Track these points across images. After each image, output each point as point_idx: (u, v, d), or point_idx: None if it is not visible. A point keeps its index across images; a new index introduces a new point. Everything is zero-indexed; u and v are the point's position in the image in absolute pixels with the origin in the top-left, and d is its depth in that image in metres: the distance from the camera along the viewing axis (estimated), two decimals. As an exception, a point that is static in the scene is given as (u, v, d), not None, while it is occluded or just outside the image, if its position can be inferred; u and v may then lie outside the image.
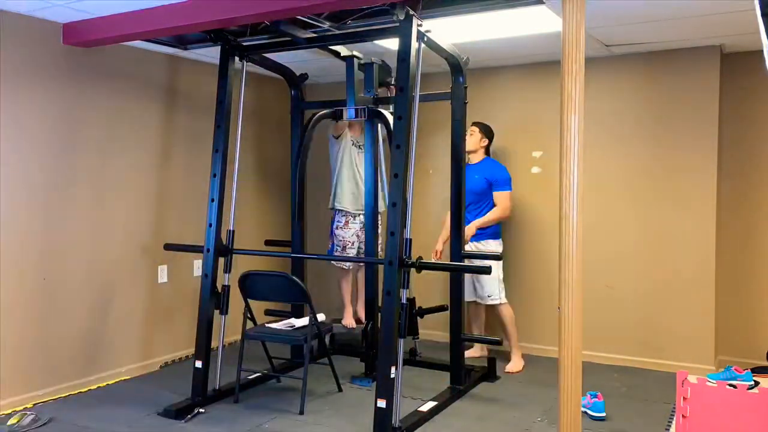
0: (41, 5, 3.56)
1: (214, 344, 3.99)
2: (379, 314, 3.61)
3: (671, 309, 4.51)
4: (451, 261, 4.21)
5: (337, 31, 3.84)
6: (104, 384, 4.22)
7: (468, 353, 4.60)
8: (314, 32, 3.82)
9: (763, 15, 1.84)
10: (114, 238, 4.32)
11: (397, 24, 3.37)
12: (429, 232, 4.96)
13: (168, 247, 4.33)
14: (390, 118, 3.90)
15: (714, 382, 2.93)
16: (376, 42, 4.03)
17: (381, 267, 3.67)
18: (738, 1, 3.30)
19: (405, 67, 3.32)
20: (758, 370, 3.92)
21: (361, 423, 3.57)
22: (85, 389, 4.10)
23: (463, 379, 4.18)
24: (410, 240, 3.37)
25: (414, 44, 3.36)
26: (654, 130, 4.56)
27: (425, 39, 3.51)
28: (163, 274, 4.65)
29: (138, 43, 4.28)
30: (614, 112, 4.68)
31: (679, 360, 4.43)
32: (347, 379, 4.31)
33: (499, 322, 4.67)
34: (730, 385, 2.90)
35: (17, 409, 3.70)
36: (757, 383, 3.08)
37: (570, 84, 2.46)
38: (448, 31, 3.98)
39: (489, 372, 4.41)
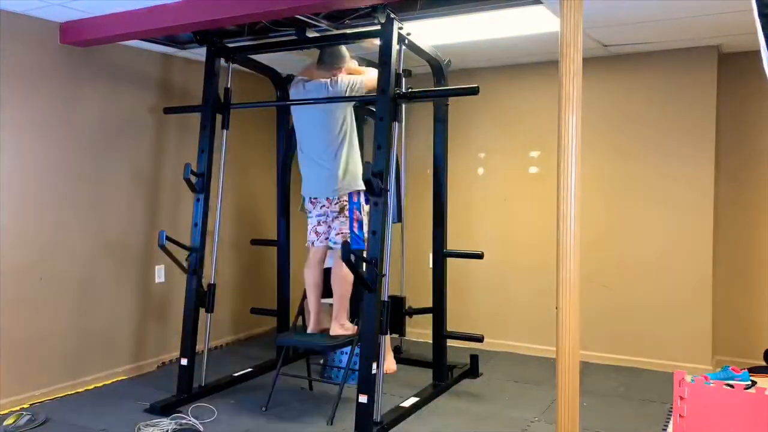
0: (39, 4, 3.56)
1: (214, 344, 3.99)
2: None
3: (669, 309, 4.52)
4: (433, 259, 4.25)
5: (316, 33, 3.90)
6: (101, 384, 4.22)
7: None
8: (297, 35, 3.89)
9: (760, 15, 1.84)
10: (111, 237, 4.31)
11: (378, 26, 3.46)
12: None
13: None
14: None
15: (711, 381, 2.93)
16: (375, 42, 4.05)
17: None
18: (735, 1, 3.31)
19: (386, 69, 3.42)
20: (755, 370, 3.92)
21: (342, 418, 3.60)
22: (82, 389, 4.09)
23: (446, 376, 4.23)
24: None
25: (395, 46, 3.45)
26: (651, 130, 4.57)
27: (406, 42, 3.59)
28: (160, 274, 4.65)
29: (135, 43, 4.28)
30: (612, 112, 4.69)
31: (676, 360, 4.44)
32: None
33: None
34: (728, 384, 2.90)
35: (14, 409, 3.70)
36: (754, 383, 3.08)
37: (568, 84, 2.46)
38: (444, 31, 3.99)
39: (471, 369, 4.45)
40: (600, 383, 4.23)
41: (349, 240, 3.72)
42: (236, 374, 4.30)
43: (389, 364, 4.39)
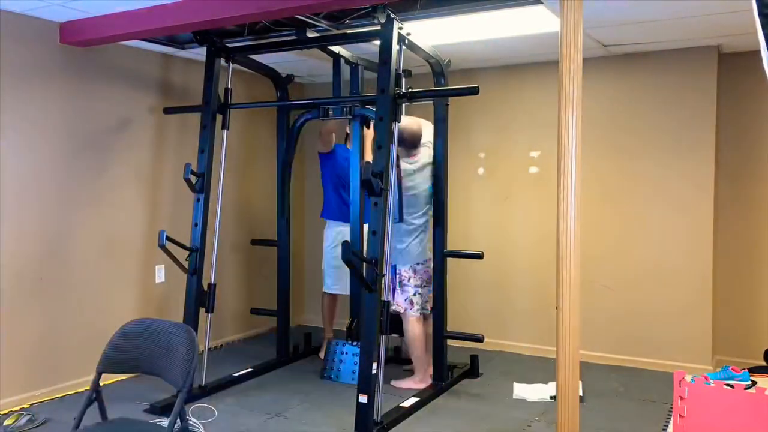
0: (38, 4, 3.56)
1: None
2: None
3: (669, 309, 4.51)
4: (434, 259, 4.24)
5: (316, 33, 3.91)
6: (101, 384, 4.21)
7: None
8: (297, 35, 3.90)
9: (760, 15, 1.84)
10: (111, 237, 4.31)
11: (378, 27, 3.47)
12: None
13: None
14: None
15: (712, 381, 2.93)
16: (375, 43, 4.06)
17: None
18: (735, 1, 3.30)
19: (386, 69, 3.42)
20: (755, 370, 3.92)
21: (342, 418, 3.62)
22: (82, 389, 4.09)
23: (446, 376, 4.23)
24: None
25: (395, 46, 3.45)
26: (651, 130, 4.57)
27: (406, 42, 3.60)
28: (160, 274, 4.65)
29: (134, 43, 4.28)
30: (612, 112, 4.69)
31: (676, 360, 4.43)
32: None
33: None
34: (728, 384, 2.90)
35: (14, 409, 3.70)
36: (754, 383, 3.08)
37: (568, 84, 2.47)
38: (443, 31, 3.99)
39: (471, 369, 4.46)
40: (600, 383, 4.23)
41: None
42: (236, 374, 4.30)
43: None
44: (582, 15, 2.49)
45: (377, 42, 3.59)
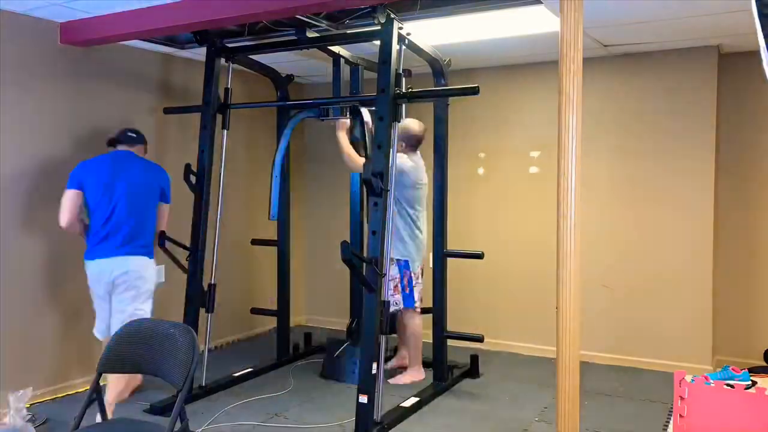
0: (38, 4, 3.56)
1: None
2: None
3: (669, 309, 4.51)
4: (433, 259, 4.25)
5: (316, 33, 3.91)
6: (102, 384, 4.20)
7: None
8: (297, 35, 3.90)
9: (760, 15, 1.84)
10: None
11: (378, 27, 3.47)
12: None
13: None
14: (366, 117, 3.95)
15: (712, 381, 2.93)
16: (375, 43, 4.07)
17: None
18: (735, 2, 3.31)
19: (386, 69, 3.43)
20: (756, 370, 3.92)
21: (342, 418, 3.63)
22: (83, 389, 4.09)
23: (446, 376, 4.23)
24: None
25: (395, 46, 3.46)
26: (651, 130, 4.57)
27: (406, 42, 3.60)
28: (160, 274, 4.63)
29: (134, 43, 4.28)
30: (612, 112, 4.69)
31: (676, 360, 4.43)
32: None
33: None
34: (728, 384, 2.90)
35: (14, 409, 3.70)
36: (754, 383, 3.08)
37: (568, 84, 2.46)
38: (443, 31, 3.99)
39: (471, 369, 4.46)
40: (600, 383, 4.23)
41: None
42: (236, 374, 4.30)
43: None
44: (582, 15, 2.48)
45: (377, 42, 3.59)
